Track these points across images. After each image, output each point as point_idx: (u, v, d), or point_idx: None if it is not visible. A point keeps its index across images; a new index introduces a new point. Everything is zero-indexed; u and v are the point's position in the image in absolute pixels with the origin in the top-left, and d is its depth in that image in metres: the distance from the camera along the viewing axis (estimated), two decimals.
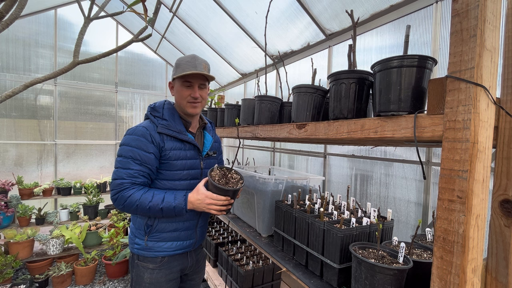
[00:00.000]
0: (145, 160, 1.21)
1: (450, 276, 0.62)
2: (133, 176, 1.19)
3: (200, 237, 1.46)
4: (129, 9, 1.75)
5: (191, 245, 1.40)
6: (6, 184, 3.27)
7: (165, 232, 1.31)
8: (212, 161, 1.48)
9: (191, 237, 1.39)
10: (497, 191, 0.77)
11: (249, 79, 3.86)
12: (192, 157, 1.34)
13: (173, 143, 1.28)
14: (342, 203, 1.49)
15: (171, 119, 1.31)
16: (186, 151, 1.32)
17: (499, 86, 0.79)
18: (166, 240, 1.32)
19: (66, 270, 3.03)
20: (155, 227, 1.30)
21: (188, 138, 1.31)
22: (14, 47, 3.89)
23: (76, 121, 4.39)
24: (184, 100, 1.30)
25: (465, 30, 0.61)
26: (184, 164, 1.31)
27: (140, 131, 1.24)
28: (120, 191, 1.17)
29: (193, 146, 1.35)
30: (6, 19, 1.35)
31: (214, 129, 1.58)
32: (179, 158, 1.29)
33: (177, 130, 1.30)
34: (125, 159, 1.20)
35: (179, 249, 1.35)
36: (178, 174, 1.30)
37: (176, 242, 1.34)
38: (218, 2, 2.89)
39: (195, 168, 1.36)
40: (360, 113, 0.97)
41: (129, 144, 1.22)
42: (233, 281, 2.24)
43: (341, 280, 1.20)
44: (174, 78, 1.30)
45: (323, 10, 2.18)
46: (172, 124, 1.30)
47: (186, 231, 1.36)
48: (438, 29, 1.59)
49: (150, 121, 1.30)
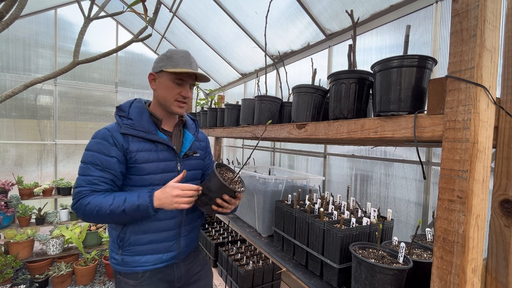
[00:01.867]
0: (106, 165, 1.09)
1: (450, 276, 0.62)
2: (93, 183, 1.08)
3: (186, 248, 1.29)
4: (129, 9, 1.75)
5: (173, 257, 1.24)
6: (6, 184, 3.27)
7: (139, 245, 1.17)
8: (195, 162, 1.31)
9: (172, 249, 1.23)
10: (497, 191, 0.77)
11: (249, 79, 3.86)
12: (165, 159, 1.19)
13: (139, 144, 1.15)
14: (342, 203, 1.49)
15: (138, 118, 1.17)
16: (157, 152, 1.17)
17: (499, 86, 0.79)
18: (142, 254, 1.17)
19: (66, 270, 3.03)
20: (127, 240, 1.16)
21: (158, 138, 1.17)
22: (14, 47, 3.89)
23: (76, 121, 4.40)
24: (171, 98, 1.17)
25: (465, 30, 0.61)
26: (156, 167, 1.16)
27: (101, 133, 1.13)
28: (79, 199, 1.07)
29: (166, 147, 1.20)
30: (6, 19, 1.35)
31: (198, 126, 1.41)
32: (149, 160, 1.15)
33: (144, 130, 1.16)
34: (85, 165, 1.10)
35: (158, 263, 1.20)
36: (148, 179, 1.15)
37: (154, 255, 1.18)
38: (218, 2, 2.89)
39: (170, 171, 1.20)
40: (360, 113, 0.97)
41: (90, 148, 1.12)
42: (233, 281, 2.24)
43: (341, 280, 1.20)
44: (162, 70, 1.16)
45: (323, 10, 2.18)
46: (138, 124, 1.16)
47: (164, 242, 1.20)
48: (438, 29, 1.59)
49: (116, 122, 1.18)
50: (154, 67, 1.20)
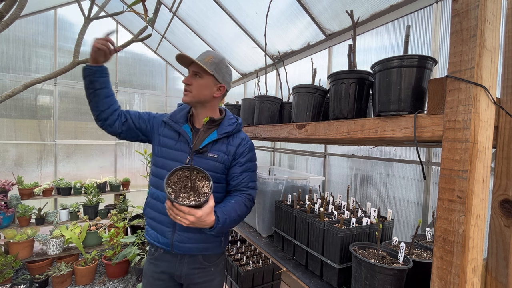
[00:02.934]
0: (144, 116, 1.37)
1: (450, 276, 0.62)
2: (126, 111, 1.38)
3: (180, 244, 1.23)
4: (129, 9, 1.75)
5: (165, 244, 1.25)
6: (6, 184, 3.27)
7: (148, 218, 1.33)
8: (208, 161, 1.24)
9: (165, 234, 1.25)
10: (497, 191, 0.77)
11: (249, 79, 3.86)
12: (179, 149, 1.27)
13: (166, 131, 1.31)
14: (342, 203, 1.49)
15: (177, 112, 1.36)
16: (176, 142, 1.28)
17: (499, 86, 0.79)
18: (149, 225, 1.32)
19: (66, 270, 3.03)
20: (145, 209, 1.34)
21: (179, 128, 1.28)
22: (14, 47, 3.89)
23: (76, 121, 4.39)
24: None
25: (465, 30, 0.61)
26: (169, 153, 1.28)
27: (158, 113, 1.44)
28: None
29: (184, 139, 1.27)
30: (6, 19, 1.35)
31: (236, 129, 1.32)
32: (166, 145, 1.29)
33: (174, 120, 1.32)
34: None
35: (156, 241, 1.28)
36: (160, 161, 1.29)
37: (153, 231, 1.30)
38: (218, 2, 2.89)
39: (179, 161, 1.25)
40: (360, 113, 0.97)
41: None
42: (233, 281, 2.24)
43: (341, 280, 1.20)
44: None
45: (323, 10, 2.18)
46: (174, 116, 1.34)
47: (161, 225, 1.27)
48: (438, 29, 1.59)
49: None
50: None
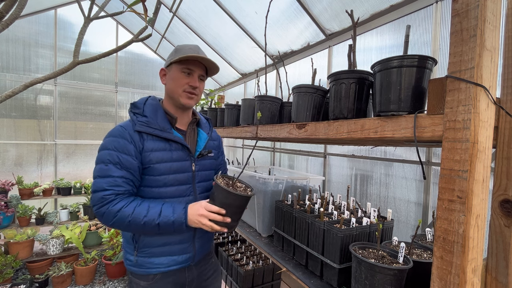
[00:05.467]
0: (126, 164, 1.04)
1: (450, 276, 0.62)
2: (115, 184, 1.02)
3: (200, 249, 1.25)
4: (129, 9, 1.75)
5: (188, 259, 1.20)
6: (6, 184, 3.27)
7: (154, 246, 1.14)
8: (209, 162, 1.28)
9: (187, 251, 1.19)
10: (497, 191, 0.77)
11: (249, 79, 3.86)
12: (179, 159, 1.15)
13: (154, 143, 1.10)
14: (342, 203, 1.49)
15: (153, 115, 1.13)
16: (171, 152, 1.13)
17: (499, 86, 0.79)
18: (157, 255, 1.14)
19: (66, 270, 3.03)
20: (142, 241, 1.13)
21: (173, 137, 1.13)
22: (14, 47, 3.89)
23: (76, 121, 4.40)
24: (179, 89, 1.13)
25: (465, 30, 0.61)
26: (169, 167, 1.12)
27: (117, 131, 1.07)
28: (104, 205, 1.00)
29: (181, 146, 1.15)
30: (6, 19, 1.35)
31: (211, 125, 1.37)
32: (162, 160, 1.10)
33: (159, 128, 1.11)
34: (104, 166, 1.03)
35: (172, 265, 1.16)
36: (162, 180, 1.11)
37: (169, 257, 1.15)
38: (218, 2, 2.89)
39: (184, 171, 1.16)
40: (360, 113, 0.97)
41: (107, 147, 1.05)
42: (233, 281, 2.24)
43: (341, 280, 1.20)
44: (171, 63, 1.13)
45: (323, 10, 2.18)
46: (153, 121, 1.11)
47: (180, 244, 1.17)
48: (438, 29, 1.59)
49: (130, 119, 1.13)
50: (164, 64, 1.19)
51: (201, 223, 1.06)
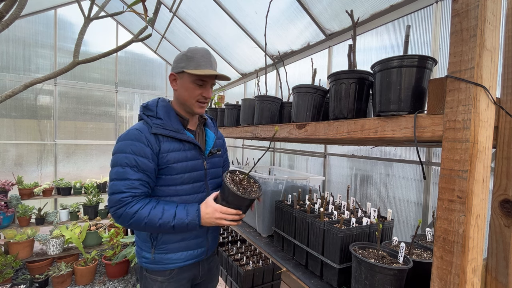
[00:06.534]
0: (143, 167, 1.08)
1: (450, 276, 0.62)
2: (133, 187, 1.06)
3: (212, 243, 1.34)
4: (129, 9, 1.75)
5: (203, 253, 1.29)
6: (6, 184, 3.27)
7: (172, 243, 1.20)
8: (217, 159, 1.35)
9: (202, 245, 1.27)
10: (497, 191, 0.77)
11: (249, 79, 3.86)
12: (193, 158, 1.21)
13: (170, 144, 1.15)
14: (342, 203, 1.49)
15: (166, 118, 1.17)
16: (185, 152, 1.19)
17: (499, 86, 0.79)
18: (174, 251, 1.21)
19: (66, 270, 3.03)
20: (160, 239, 1.19)
21: (187, 137, 1.18)
22: (14, 47, 3.89)
23: (76, 121, 4.40)
24: (193, 99, 1.18)
25: (465, 30, 0.61)
26: (185, 166, 1.18)
27: (133, 134, 1.10)
28: (121, 207, 1.05)
29: (193, 146, 1.21)
30: (6, 19, 1.35)
31: (216, 125, 1.45)
32: (179, 160, 1.16)
33: (174, 129, 1.16)
34: (122, 169, 1.06)
35: (189, 259, 1.24)
36: (179, 178, 1.17)
37: (185, 252, 1.23)
38: (218, 2, 2.89)
39: (198, 169, 1.23)
40: (360, 113, 0.97)
41: (123, 150, 1.08)
42: (233, 281, 2.24)
43: (341, 280, 1.20)
44: (183, 71, 1.14)
45: (323, 10, 2.18)
46: (168, 123, 1.16)
47: (196, 239, 1.25)
48: (438, 29, 1.59)
49: (144, 121, 1.17)
50: (174, 67, 1.19)
51: (219, 224, 1.14)
